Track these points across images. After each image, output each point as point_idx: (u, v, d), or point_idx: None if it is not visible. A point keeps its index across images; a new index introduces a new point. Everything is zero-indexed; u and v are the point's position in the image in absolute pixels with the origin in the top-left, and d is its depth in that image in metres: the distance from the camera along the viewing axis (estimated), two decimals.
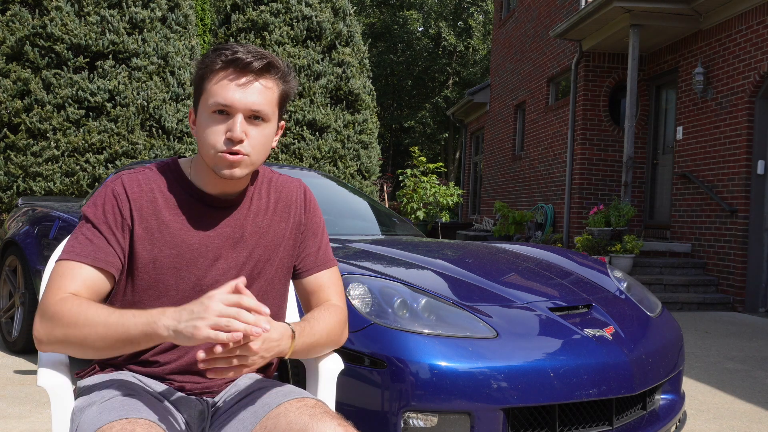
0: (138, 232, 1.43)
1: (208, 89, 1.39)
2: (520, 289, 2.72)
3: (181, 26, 8.71)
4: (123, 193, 1.43)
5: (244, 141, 1.37)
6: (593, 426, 2.31)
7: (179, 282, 1.44)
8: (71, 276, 1.36)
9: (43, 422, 2.99)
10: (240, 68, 1.37)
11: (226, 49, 1.38)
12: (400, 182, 11.33)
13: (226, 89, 1.36)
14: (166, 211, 1.45)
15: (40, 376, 1.39)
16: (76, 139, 7.57)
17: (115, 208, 1.42)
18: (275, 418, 1.35)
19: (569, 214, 10.11)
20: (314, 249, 1.58)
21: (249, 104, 1.37)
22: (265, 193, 1.55)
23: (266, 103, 1.39)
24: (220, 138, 1.38)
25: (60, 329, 1.31)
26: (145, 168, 1.50)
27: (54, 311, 1.32)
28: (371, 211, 4.36)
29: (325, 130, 9.67)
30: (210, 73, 1.39)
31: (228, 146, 1.37)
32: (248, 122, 1.39)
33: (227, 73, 1.37)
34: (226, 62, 1.37)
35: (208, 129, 1.39)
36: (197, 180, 1.48)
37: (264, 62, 1.38)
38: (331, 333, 1.50)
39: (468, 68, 29.06)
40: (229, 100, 1.36)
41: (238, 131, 1.36)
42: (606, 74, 9.87)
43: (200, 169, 1.47)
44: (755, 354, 5.08)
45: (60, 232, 4.15)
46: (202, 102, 1.41)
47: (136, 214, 1.43)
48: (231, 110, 1.37)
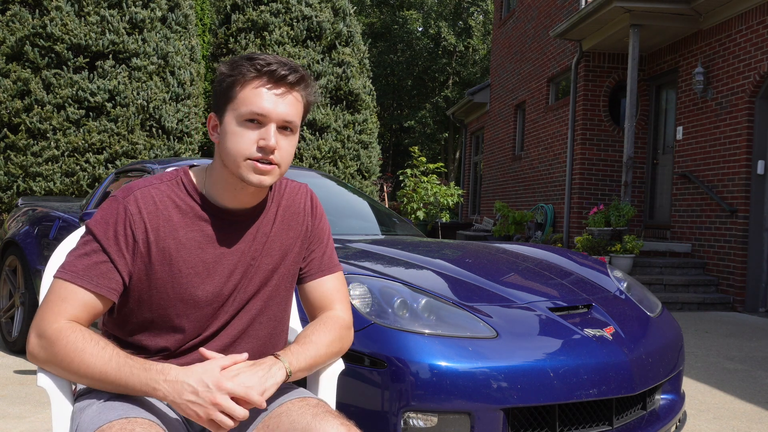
0: (155, 253, 1.39)
1: (239, 97, 1.37)
2: (520, 289, 2.72)
3: (181, 26, 8.71)
4: (137, 213, 1.38)
5: (275, 151, 1.37)
6: (593, 426, 2.31)
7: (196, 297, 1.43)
8: (70, 300, 1.34)
9: (43, 422, 2.99)
10: (275, 79, 1.37)
11: (257, 58, 1.38)
12: (400, 182, 11.33)
13: (261, 98, 1.36)
14: (183, 229, 1.42)
15: (40, 376, 1.39)
16: (76, 139, 7.57)
17: (128, 230, 1.38)
18: (277, 417, 1.35)
19: (569, 214, 10.11)
20: (319, 254, 1.57)
21: (283, 115, 1.37)
22: (276, 202, 1.54)
23: (296, 115, 1.40)
24: (251, 146, 1.36)
25: (55, 360, 1.32)
26: (156, 181, 1.45)
27: (51, 339, 1.31)
28: (371, 211, 4.36)
29: (325, 130, 9.67)
30: (243, 81, 1.37)
31: (260, 154, 1.36)
32: (279, 132, 1.39)
33: (262, 83, 1.37)
34: (261, 72, 1.37)
35: (239, 136, 1.37)
36: (212, 192, 1.45)
37: (298, 76, 1.39)
38: (331, 346, 1.49)
39: (468, 68, 29.05)
40: (265, 110, 1.36)
41: (272, 141, 1.36)
42: (606, 74, 9.87)
43: (218, 179, 1.44)
44: (755, 354, 5.08)
45: (60, 232, 4.15)
46: (231, 109, 1.38)
47: (152, 236, 1.39)
48: (265, 120, 1.36)
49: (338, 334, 1.51)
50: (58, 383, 1.40)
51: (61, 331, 1.31)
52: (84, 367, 1.29)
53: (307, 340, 1.45)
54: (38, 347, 1.33)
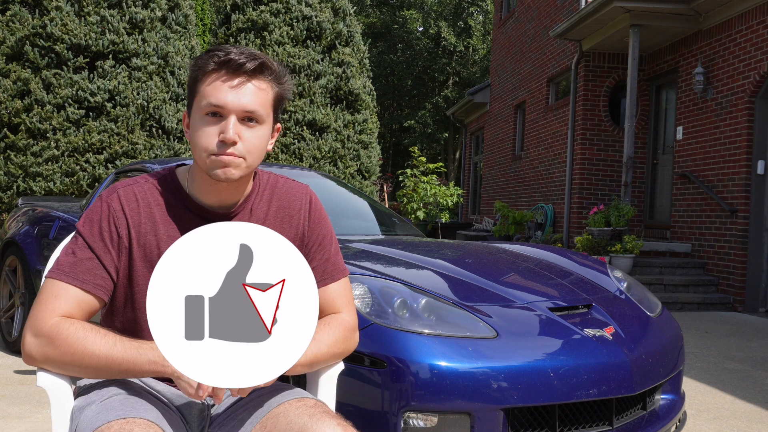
0: (136, 250, 1.40)
1: (200, 91, 1.36)
2: (520, 289, 2.72)
3: (181, 26, 8.71)
4: (120, 209, 1.40)
5: (237, 143, 1.34)
6: (593, 426, 2.31)
7: None
8: (62, 296, 1.34)
9: (43, 422, 2.99)
10: (233, 69, 1.34)
11: (218, 50, 1.36)
12: (400, 182, 11.33)
13: (218, 90, 1.34)
14: (164, 227, 1.42)
15: (40, 376, 1.39)
16: (76, 139, 7.57)
17: (112, 226, 1.39)
18: (275, 417, 1.34)
19: (569, 214, 10.11)
20: (322, 261, 1.54)
21: (242, 105, 1.34)
22: (266, 201, 1.51)
23: (260, 105, 1.37)
24: (213, 140, 1.34)
25: (56, 355, 1.31)
26: (141, 179, 1.46)
27: (50, 335, 1.31)
28: (371, 211, 4.36)
29: (325, 130, 9.67)
30: (203, 75, 1.36)
31: (221, 149, 1.34)
32: (242, 124, 1.36)
33: (220, 75, 1.35)
34: (219, 63, 1.35)
35: (201, 131, 1.36)
36: (195, 190, 1.45)
37: (257, 63, 1.36)
38: (333, 346, 1.48)
39: (468, 68, 29.06)
40: (221, 101, 1.33)
41: (230, 133, 1.33)
42: (606, 74, 9.87)
43: (197, 177, 1.44)
44: (755, 354, 5.08)
45: (60, 232, 4.15)
46: (195, 104, 1.38)
47: (134, 232, 1.40)
48: (224, 111, 1.34)
49: (342, 335, 1.50)
50: (58, 383, 1.39)
51: (59, 326, 1.31)
52: (88, 357, 1.29)
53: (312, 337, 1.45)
54: (35, 346, 1.32)
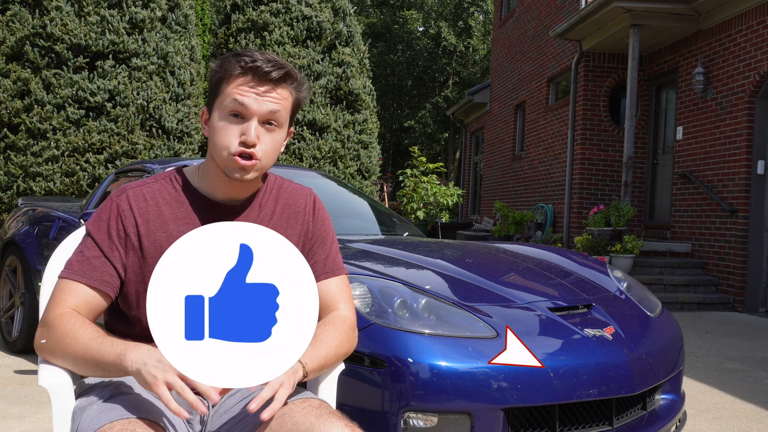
0: (147, 247, 1.44)
1: (225, 91, 1.42)
2: (520, 289, 2.72)
3: (181, 26, 8.71)
4: (128, 209, 1.46)
5: (257, 145, 1.41)
6: (593, 426, 2.31)
7: None
8: (70, 292, 1.42)
9: (43, 422, 2.99)
10: (259, 76, 1.40)
11: (245, 55, 1.41)
12: (400, 182, 11.33)
13: (243, 94, 1.40)
14: (174, 223, 1.47)
15: (41, 375, 1.39)
16: (76, 139, 7.57)
17: (119, 224, 1.45)
18: (280, 418, 1.34)
19: (569, 214, 10.11)
20: (322, 257, 1.60)
21: (265, 110, 1.41)
22: (272, 200, 1.57)
23: (281, 110, 1.43)
24: (234, 140, 1.41)
25: (52, 340, 1.38)
26: (150, 180, 1.52)
27: (54, 323, 1.38)
28: (371, 211, 4.36)
29: (325, 130, 9.67)
30: (229, 77, 1.42)
31: (242, 148, 1.40)
32: (261, 126, 1.42)
33: (246, 80, 1.41)
34: (245, 69, 1.40)
35: (223, 130, 1.42)
36: (205, 186, 1.50)
37: (282, 72, 1.42)
38: (339, 347, 1.51)
39: (468, 68, 29.06)
40: (246, 105, 1.40)
41: (252, 135, 1.40)
42: (606, 74, 9.87)
43: (209, 172, 1.49)
44: (755, 354, 5.08)
45: (60, 232, 4.15)
46: (218, 103, 1.43)
47: (143, 229, 1.45)
48: (247, 114, 1.41)
49: (346, 336, 1.53)
50: (59, 383, 1.40)
51: (62, 317, 1.38)
52: (73, 345, 1.35)
53: (318, 340, 1.46)
54: (41, 336, 1.40)
